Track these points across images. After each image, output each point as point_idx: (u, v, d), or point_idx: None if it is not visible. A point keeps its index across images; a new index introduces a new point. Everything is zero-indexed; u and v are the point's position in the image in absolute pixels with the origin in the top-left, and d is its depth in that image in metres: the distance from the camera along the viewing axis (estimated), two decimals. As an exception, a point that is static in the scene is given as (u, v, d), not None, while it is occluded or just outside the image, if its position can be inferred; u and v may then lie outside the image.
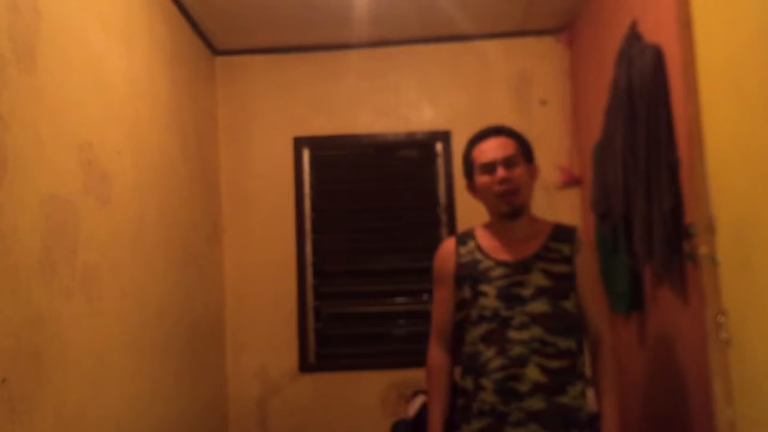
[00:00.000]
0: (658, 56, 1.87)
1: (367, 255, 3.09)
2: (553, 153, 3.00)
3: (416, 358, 2.92)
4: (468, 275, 1.65)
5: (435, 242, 2.19)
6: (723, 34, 1.47)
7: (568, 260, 1.64)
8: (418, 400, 2.48)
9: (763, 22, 1.31)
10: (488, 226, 1.72)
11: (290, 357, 3.01)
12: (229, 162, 3.10)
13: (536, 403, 1.56)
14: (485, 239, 1.68)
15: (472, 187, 1.71)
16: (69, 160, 1.64)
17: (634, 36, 2.04)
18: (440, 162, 3.08)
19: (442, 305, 1.73)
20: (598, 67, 2.56)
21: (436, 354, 1.73)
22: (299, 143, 3.11)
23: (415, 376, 2.85)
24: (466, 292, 1.65)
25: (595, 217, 2.33)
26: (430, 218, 3.06)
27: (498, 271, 1.63)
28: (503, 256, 1.65)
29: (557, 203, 2.99)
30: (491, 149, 1.65)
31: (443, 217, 3.03)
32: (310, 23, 2.84)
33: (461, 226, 2.87)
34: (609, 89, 2.15)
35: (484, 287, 1.62)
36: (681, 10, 1.63)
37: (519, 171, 1.64)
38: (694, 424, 1.85)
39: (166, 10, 2.44)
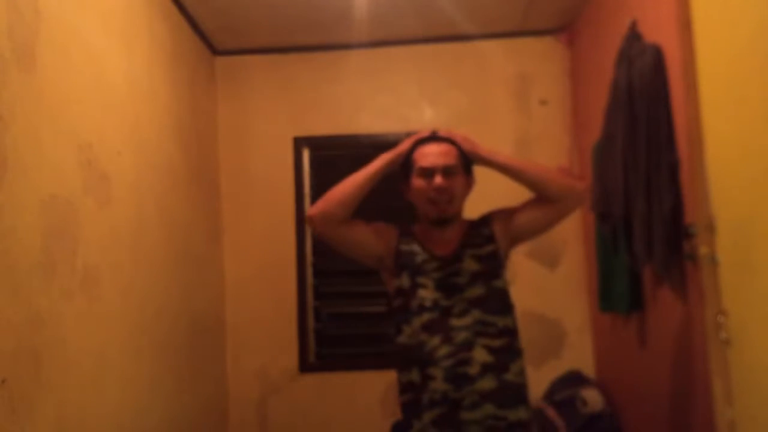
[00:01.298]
0: (658, 56, 1.87)
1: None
2: (554, 153, 3.00)
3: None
4: (407, 264, 1.69)
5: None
6: (723, 34, 1.48)
7: (491, 238, 1.70)
8: None
9: (763, 22, 1.31)
10: (422, 226, 1.75)
11: (290, 357, 3.01)
12: (228, 162, 3.10)
13: (487, 383, 1.59)
14: (422, 236, 1.72)
15: (406, 186, 1.74)
16: (69, 160, 1.64)
17: (634, 36, 2.04)
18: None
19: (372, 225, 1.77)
20: (598, 67, 2.56)
21: None
22: (299, 143, 3.10)
23: (415, 376, 2.85)
24: (405, 281, 1.69)
25: (595, 217, 2.33)
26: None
27: (433, 264, 1.68)
28: (437, 250, 1.69)
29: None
30: (433, 155, 1.69)
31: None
32: (310, 23, 2.85)
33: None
34: (609, 89, 2.15)
35: (422, 279, 1.67)
36: (681, 10, 1.63)
37: (456, 181, 1.67)
38: (694, 424, 1.85)
39: (165, 10, 2.44)
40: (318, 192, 3.21)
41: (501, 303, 1.67)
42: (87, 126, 1.74)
